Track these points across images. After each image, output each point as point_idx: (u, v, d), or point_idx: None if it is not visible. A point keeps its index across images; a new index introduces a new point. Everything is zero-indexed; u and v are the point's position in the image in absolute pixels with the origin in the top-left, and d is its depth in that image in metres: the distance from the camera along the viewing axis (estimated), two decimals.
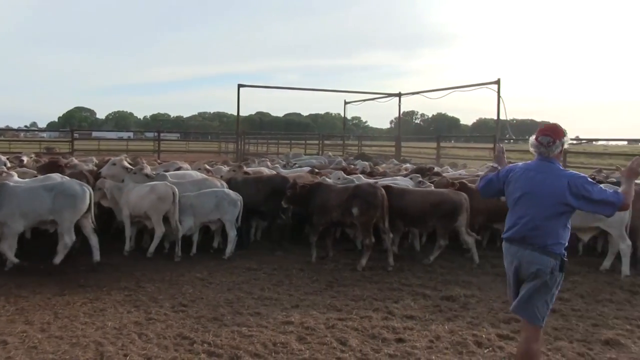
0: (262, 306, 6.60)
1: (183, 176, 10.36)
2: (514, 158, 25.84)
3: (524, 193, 4.42)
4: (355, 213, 8.38)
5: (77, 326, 5.86)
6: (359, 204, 8.37)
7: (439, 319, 6.23)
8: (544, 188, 4.32)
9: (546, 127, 4.51)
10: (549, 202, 4.28)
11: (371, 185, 8.83)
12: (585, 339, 5.72)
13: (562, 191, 4.25)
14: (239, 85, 21.17)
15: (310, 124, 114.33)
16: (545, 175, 4.36)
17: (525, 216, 4.37)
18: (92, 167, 11.85)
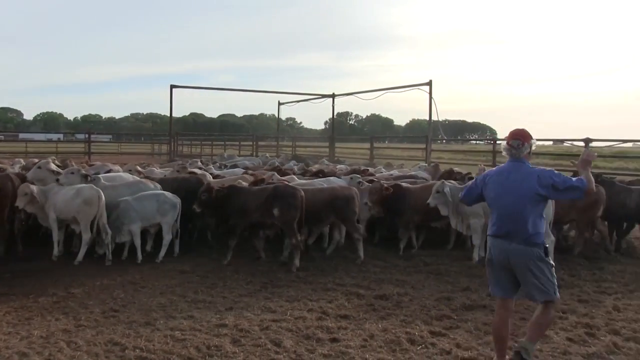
0: (196, 309, 6.50)
1: (114, 179, 10.09)
2: (446, 158, 26.52)
3: (502, 192, 4.90)
4: (276, 214, 8.44)
5: (0, 337, 5.58)
6: (279, 204, 8.43)
7: (372, 317, 6.30)
8: (517, 185, 4.82)
9: (515, 131, 4.99)
10: (525, 196, 4.78)
11: (290, 186, 8.92)
12: (513, 333, 5.83)
13: (533, 184, 4.76)
14: (171, 85, 20.84)
15: (244, 125, 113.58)
16: (517, 174, 4.87)
17: (506, 213, 4.85)
18: (19, 170, 11.36)
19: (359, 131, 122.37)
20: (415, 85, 18.70)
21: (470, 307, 6.71)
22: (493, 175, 5.05)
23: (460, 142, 65.12)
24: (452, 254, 9.35)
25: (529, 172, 4.85)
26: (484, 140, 70.33)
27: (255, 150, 27.24)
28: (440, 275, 8.16)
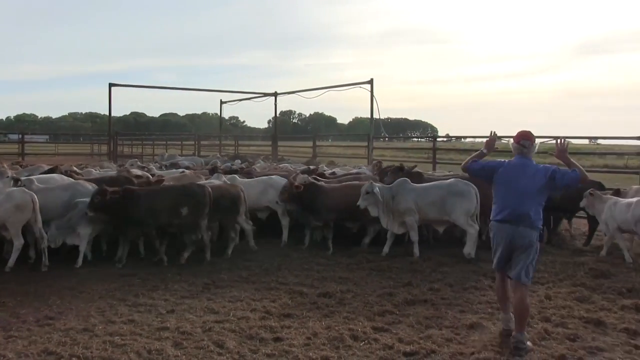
0: (136, 313, 6.37)
1: (47, 181, 9.72)
2: (389, 155, 26.86)
3: (516, 183, 5.62)
4: (184, 213, 8.41)
5: None
6: (188, 203, 8.41)
7: (316, 315, 6.33)
8: (530, 178, 5.59)
9: (525, 133, 5.77)
10: (534, 188, 5.57)
11: (199, 185, 8.86)
12: (453, 325, 6.07)
13: (542, 178, 5.57)
14: (110, 84, 20.30)
15: (187, 125, 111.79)
16: (529, 169, 5.66)
17: (518, 201, 5.57)
18: None
19: (302, 130, 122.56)
20: (357, 84, 18.86)
21: (412, 302, 6.83)
22: (507, 167, 5.78)
23: (402, 140, 66.20)
24: (393, 251, 9.47)
25: (537, 167, 5.68)
26: (425, 137, 71.55)
27: (198, 150, 26.90)
28: (382, 271, 8.27)
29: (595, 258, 9.02)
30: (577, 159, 24.75)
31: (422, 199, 9.15)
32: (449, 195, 9.07)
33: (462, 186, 9.13)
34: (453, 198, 9.04)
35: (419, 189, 9.36)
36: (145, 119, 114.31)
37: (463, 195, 9.04)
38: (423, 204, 9.15)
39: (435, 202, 9.12)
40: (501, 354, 5.25)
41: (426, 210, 9.18)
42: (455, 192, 9.07)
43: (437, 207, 9.12)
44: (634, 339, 5.72)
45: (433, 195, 9.18)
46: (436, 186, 9.41)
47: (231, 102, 27.48)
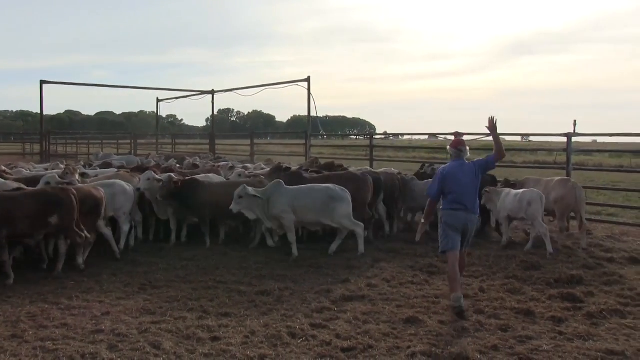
0: (70, 316, 6.19)
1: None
2: (327, 153, 27.02)
3: (461, 180, 6.74)
4: (54, 221, 7.66)
5: None
6: (57, 210, 7.68)
7: (254, 314, 6.31)
8: (469, 174, 6.78)
9: (460, 141, 7.08)
10: (474, 181, 6.80)
11: (62, 189, 8.10)
12: (390, 320, 6.17)
13: (476, 173, 6.82)
14: (41, 81, 19.58)
15: (124, 123, 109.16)
16: (467, 167, 6.83)
17: (466, 193, 6.74)
18: None
19: (240, 128, 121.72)
20: (295, 82, 18.85)
21: (350, 298, 6.90)
22: (449, 171, 6.83)
23: (341, 138, 66.67)
24: (329, 248, 9.54)
25: (470, 165, 6.87)
26: (363, 135, 72.30)
27: (134, 149, 26.32)
28: (320, 268, 8.33)
29: (526, 251, 9.35)
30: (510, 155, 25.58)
31: (299, 202, 9.06)
32: (330, 200, 9.05)
33: (339, 191, 9.18)
34: (333, 203, 9.03)
35: (294, 191, 9.20)
36: (80, 118, 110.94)
37: (342, 200, 9.09)
38: (299, 206, 9.06)
39: (314, 205, 9.08)
40: (437, 347, 5.37)
41: (304, 213, 9.12)
42: (334, 197, 9.08)
43: (316, 211, 9.10)
44: (559, 326, 6.00)
45: (311, 198, 9.12)
46: (313, 190, 9.33)
47: (168, 100, 27.04)
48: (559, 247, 9.57)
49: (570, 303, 6.71)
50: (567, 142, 12.04)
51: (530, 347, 5.40)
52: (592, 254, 9.27)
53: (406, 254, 9.25)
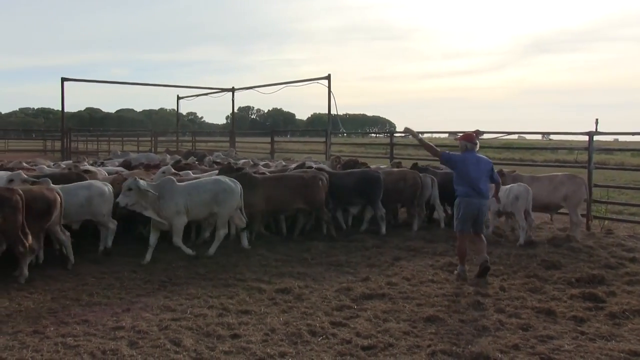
0: (90, 313, 6.24)
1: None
2: (347, 151, 26.99)
3: (477, 169, 7.81)
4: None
5: None
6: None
7: (274, 311, 6.31)
8: (482, 165, 7.91)
9: (472, 135, 8.14)
10: (486, 171, 7.92)
11: (7, 189, 7.69)
12: (410, 318, 6.14)
13: (490, 165, 8.03)
14: (62, 78, 19.77)
15: (144, 121, 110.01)
16: (481, 159, 8.03)
17: (478, 181, 7.77)
18: None
19: (260, 126, 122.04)
20: (315, 79, 18.81)
21: (370, 296, 6.88)
22: (468, 158, 7.86)
23: (361, 136, 66.51)
24: (349, 245, 9.55)
25: (484, 158, 8.15)
26: (383, 133, 72.11)
27: (155, 146, 26.48)
28: (340, 266, 8.31)
29: (547, 249, 9.25)
30: (531, 153, 25.39)
31: (192, 199, 8.74)
32: (220, 192, 8.87)
33: (230, 183, 9.05)
34: (223, 194, 8.88)
35: (187, 188, 8.88)
36: (100, 115, 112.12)
37: (233, 192, 8.97)
38: (193, 203, 8.75)
39: (205, 199, 8.86)
40: (457, 346, 5.33)
41: (197, 210, 8.85)
42: (225, 189, 8.92)
43: (206, 205, 8.89)
44: (580, 326, 5.93)
45: (203, 192, 8.86)
46: (204, 184, 9.11)
47: (188, 98, 27.16)
48: (580, 247, 9.45)
49: (592, 303, 6.63)
50: (589, 140, 11.87)
51: (551, 347, 5.34)
52: (613, 254, 9.14)
53: (426, 252, 9.21)
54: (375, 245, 9.36)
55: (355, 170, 11.64)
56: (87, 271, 7.90)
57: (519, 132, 16.72)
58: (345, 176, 11.19)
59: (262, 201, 9.77)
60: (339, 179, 10.99)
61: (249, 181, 9.74)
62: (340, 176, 11.17)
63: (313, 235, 10.32)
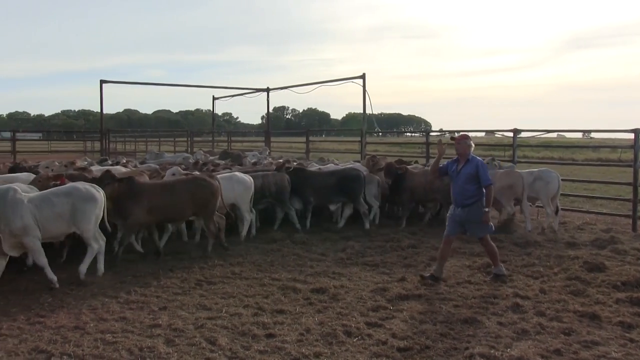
0: (128, 310, 6.32)
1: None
2: (382, 150, 26.75)
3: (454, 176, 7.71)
4: None
5: None
6: None
7: (309, 311, 6.28)
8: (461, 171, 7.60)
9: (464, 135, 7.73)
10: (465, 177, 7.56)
11: None
12: (447, 320, 6.02)
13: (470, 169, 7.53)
14: (101, 81, 20.12)
15: (180, 121, 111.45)
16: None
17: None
18: None
19: (295, 125, 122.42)
20: (349, 79, 18.69)
21: (406, 297, 6.80)
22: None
23: (396, 135, 66.13)
24: (385, 246, 9.46)
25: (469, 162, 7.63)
26: (419, 132, 71.58)
27: (191, 146, 26.75)
28: (375, 266, 8.25)
29: (589, 251, 9.00)
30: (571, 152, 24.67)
31: (42, 212, 7.13)
32: (79, 202, 7.38)
33: (89, 190, 7.60)
34: (83, 206, 7.43)
35: (35, 199, 7.23)
36: (138, 116, 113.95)
37: (92, 201, 7.50)
38: (43, 217, 7.14)
39: (62, 213, 7.29)
40: (496, 349, 5.21)
41: (50, 225, 7.23)
42: (84, 198, 7.44)
43: (65, 220, 7.35)
44: (628, 332, 5.70)
45: (58, 205, 7.28)
46: (55, 193, 7.49)
47: (224, 98, 27.33)
48: (626, 248, 9.16)
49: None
50: (635, 138, 11.42)
51: (596, 354, 5.17)
52: None
53: (463, 252, 9.07)
54: (411, 245, 9.26)
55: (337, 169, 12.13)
56: (124, 269, 8.00)
57: (558, 130, 16.32)
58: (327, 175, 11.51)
59: (143, 211, 8.39)
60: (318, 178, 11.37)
61: (130, 188, 8.41)
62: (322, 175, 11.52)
63: (349, 235, 10.27)
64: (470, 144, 7.56)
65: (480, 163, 7.56)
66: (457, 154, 7.64)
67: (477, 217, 7.46)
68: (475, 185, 7.46)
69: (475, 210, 7.46)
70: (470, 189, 7.46)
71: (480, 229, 7.55)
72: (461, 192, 7.52)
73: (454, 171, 7.62)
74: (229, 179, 9.90)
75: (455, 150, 7.66)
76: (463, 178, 7.49)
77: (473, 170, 7.44)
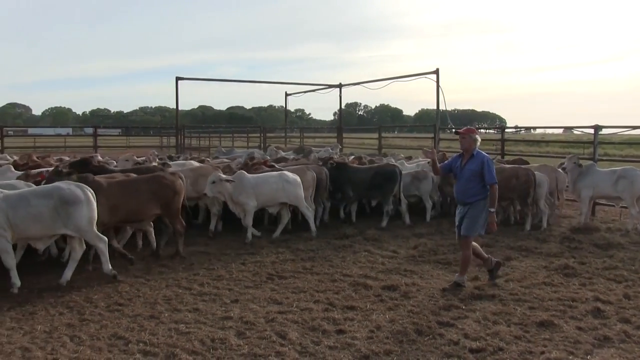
0: (201, 302, 6.46)
1: None
2: (456, 147, 26.21)
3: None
4: None
5: (3, 332, 5.56)
6: None
7: (380, 308, 6.22)
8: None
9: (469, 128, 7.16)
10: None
11: None
12: (522, 322, 5.81)
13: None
14: (177, 78, 20.65)
15: (253, 117, 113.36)
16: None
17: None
18: None
19: (367, 122, 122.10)
20: (422, 74, 18.38)
21: (479, 296, 6.63)
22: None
23: None
24: (457, 244, 9.20)
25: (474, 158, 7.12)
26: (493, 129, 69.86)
27: (263, 142, 27.12)
28: (448, 264, 8.09)
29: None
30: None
31: (16, 212, 6.75)
32: (60, 205, 6.90)
33: (73, 191, 7.06)
34: (67, 209, 6.93)
35: (12, 198, 6.87)
36: (212, 112, 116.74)
37: (78, 203, 7.00)
38: (19, 218, 6.75)
39: (39, 215, 6.84)
40: (574, 355, 4.99)
41: (25, 227, 6.83)
42: (67, 200, 6.94)
43: (45, 222, 6.90)
44: None
45: (36, 206, 6.83)
46: (35, 193, 7.06)
47: (296, 94, 27.56)
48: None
49: None
50: None
51: None
52: None
53: (539, 253, 8.76)
54: (486, 244, 9.00)
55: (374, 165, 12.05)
56: (198, 262, 8.20)
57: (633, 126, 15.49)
58: (366, 171, 11.50)
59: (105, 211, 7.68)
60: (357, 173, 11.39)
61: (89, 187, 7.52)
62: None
63: (421, 232, 10.13)
64: (475, 138, 7.01)
65: (487, 160, 6.96)
66: (462, 148, 7.14)
67: (476, 213, 6.92)
68: (479, 183, 6.91)
69: (476, 207, 6.93)
70: (473, 187, 6.93)
71: (470, 225, 6.94)
72: (464, 190, 7.02)
73: (458, 167, 7.12)
74: (278, 177, 9.94)
75: (460, 145, 7.17)
76: (466, 174, 6.97)
77: (477, 167, 6.89)
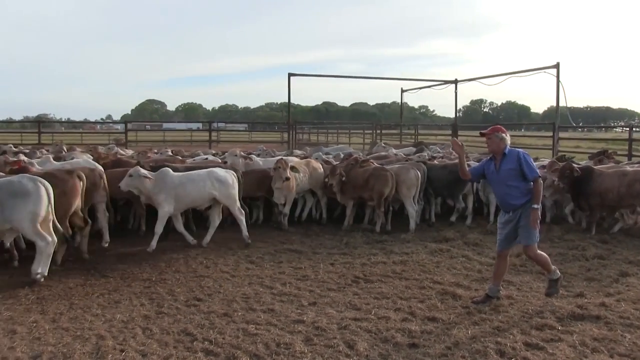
0: (278, 302, 6.30)
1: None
2: (584, 147, 24.37)
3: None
4: None
5: (87, 318, 5.78)
6: None
7: (463, 322, 5.69)
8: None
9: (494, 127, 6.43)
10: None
11: None
12: (630, 354, 4.97)
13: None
14: (289, 74, 20.86)
15: (376, 114, 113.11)
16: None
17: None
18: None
19: (492, 119, 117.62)
20: (541, 69, 17.22)
21: (580, 316, 5.83)
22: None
23: (604, 130, 60.34)
24: (567, 254, 8.40)
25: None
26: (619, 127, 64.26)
27: (377, 138, 26.88)
28: None
29: None
30: None
31: None
32: (5, 197, 6.67)
33: (25, 183, 6.80)
34: (12, 199, 6.70)
35: None
36: (335, 109, 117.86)
37: (27, 195, 6.71)
38: None
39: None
40: None
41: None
42: (16, 192, 6.70)
43: None
44: None
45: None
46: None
47: (412, 91, 27.03)
48: None
49: None
50: None
51: None
52: None
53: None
54: (598, 255, 8.11)
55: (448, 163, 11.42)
56: (287, 260, 8.08)
57: None
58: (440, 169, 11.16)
59: None
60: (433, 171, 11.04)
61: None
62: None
63: None
64: (502, 137, 6.27)
65: (522, 154, 6.23)
66: (490, 151, 6.45)
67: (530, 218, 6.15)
68: (522, 182, 6.17)
69: (529, 210, 6.16)
70: (518, 187, 6.20)
71: (528, 234, 6.18)
72: (507, 193, 6.26)
73: (492, 171, 6.38)
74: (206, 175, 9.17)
75: (487, 147, 6.46)
76: (504, 176, 6.23)
77: (515, 164, 6.16)
